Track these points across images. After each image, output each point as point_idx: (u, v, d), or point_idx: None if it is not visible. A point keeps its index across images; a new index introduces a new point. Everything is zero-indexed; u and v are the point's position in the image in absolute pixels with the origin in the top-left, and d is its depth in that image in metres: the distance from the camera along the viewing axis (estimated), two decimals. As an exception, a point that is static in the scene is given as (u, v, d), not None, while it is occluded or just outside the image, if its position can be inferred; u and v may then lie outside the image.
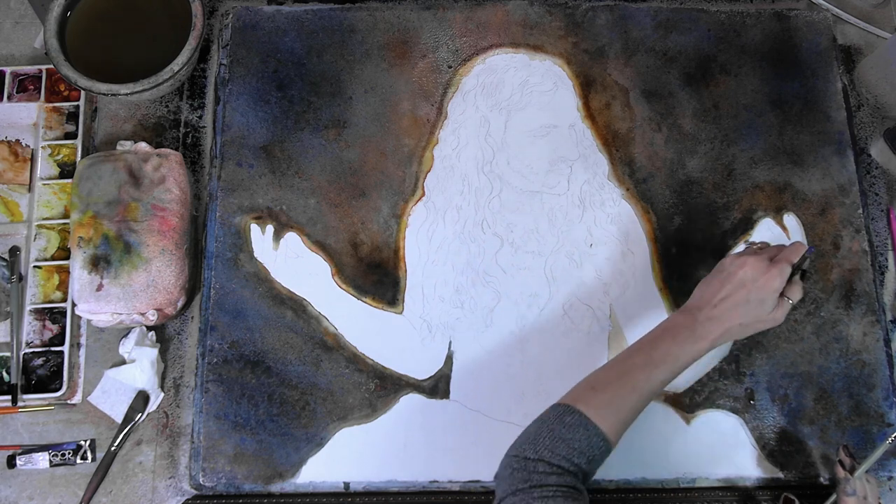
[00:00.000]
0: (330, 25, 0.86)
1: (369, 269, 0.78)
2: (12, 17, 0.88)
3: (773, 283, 0.64)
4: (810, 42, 0.87)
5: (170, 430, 0.75)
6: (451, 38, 0.86)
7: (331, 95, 0.84)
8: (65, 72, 0.77)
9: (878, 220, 0.83)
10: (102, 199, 0.74)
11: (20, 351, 0.75)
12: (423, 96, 0.84)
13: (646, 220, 0.80)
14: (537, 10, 0.87)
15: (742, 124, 0.84)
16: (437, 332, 0.77)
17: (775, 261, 0.66)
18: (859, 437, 0.75)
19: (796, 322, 0.78)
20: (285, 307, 0.77)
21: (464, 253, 0.79)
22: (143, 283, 0.73)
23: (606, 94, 0.84)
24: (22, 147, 0.82)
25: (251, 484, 0.72)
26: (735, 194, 0.82)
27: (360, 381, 0.75)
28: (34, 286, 0.77)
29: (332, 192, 0.81)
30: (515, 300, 0.78)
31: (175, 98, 0.85)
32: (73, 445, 0.74)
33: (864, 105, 0.87)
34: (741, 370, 0.76)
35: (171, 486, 0.74)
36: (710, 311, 0.65)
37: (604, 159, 0.82)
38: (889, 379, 0.77)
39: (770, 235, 0.80)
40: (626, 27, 0.87)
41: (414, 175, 0.81)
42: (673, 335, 0.64)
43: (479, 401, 0.75)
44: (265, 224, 0.79)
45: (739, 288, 0.65)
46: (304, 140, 0.82)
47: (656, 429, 0.75)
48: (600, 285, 0.78)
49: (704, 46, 0.86)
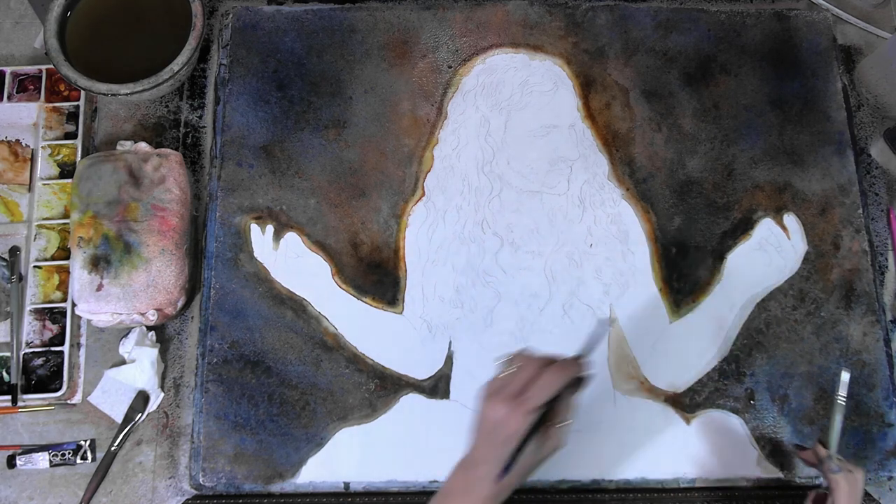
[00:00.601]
0: (330, 25, 0.86)
1: (369, 269, 0.78)
2: (12, 17, 0.89)
3: (513, 429, 0.54)
4: (810, 42, 0.87)
5: (170, 430, 0.75)
6: (451, 38, 0.86)
7: (331, 95, 0.84)
8: (65, 72, 0.77)
9: (878, 220, 0.83)
10: (102, 199, 0.74)
11: (20, 351, 0.75)
12: (423, 96, 0.84)
13: (646, 220, 0.80)
14: (537, 10, 0.87)
15: (742, 124, 0.84)
16: (437, 332, 0.77)
17: (518, 402, 0.55)
18: (859, 437, 0.75)
19: (796, 322, 0.78)
20: (285, 307, 0.77)
21: (464, 253, 0.79)
22: (143, 283, 0.73)
23: (606, 94, 0.84)
24: (22, 147, 0.82)
25: (251, 484, 0.72)
26: (735, 194, 0.82)
27: (360, 381, 0.75)
28: (34, 286, 0.77)
29: (332, 192, 0.81)
30: (515, 300, 0.78)
31: (175, 98, 0.85)
32: (73, 445, 0.74)
33: (864, 105, 0.87)
34: (741, 370, 0.76)
35: (171, 486, 0.74)
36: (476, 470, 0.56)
37: (604, 159, 0.82)
38: (889, 379, 0.77)
39: (770, 235, 0.80)
40: (626, 27, 0.87)
41: (414, 175, 0.81)
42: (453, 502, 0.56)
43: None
44: (265, 224, 0.79)
45: (490, 435, 0.55)
46: (304, 140, 0.82)
47: (656, 429, 0.75)
48: (600, 285, 0.78)
49: (704, 46, 0.86)
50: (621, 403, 0.75)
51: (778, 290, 0.79)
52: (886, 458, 0.74)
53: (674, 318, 0.78)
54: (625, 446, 0.74)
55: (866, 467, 0.74)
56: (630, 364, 0.76)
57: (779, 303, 0.78)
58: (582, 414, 0.75)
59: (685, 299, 0.78)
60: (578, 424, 0.74)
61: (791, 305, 0.78)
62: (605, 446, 0.74)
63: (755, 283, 0.79)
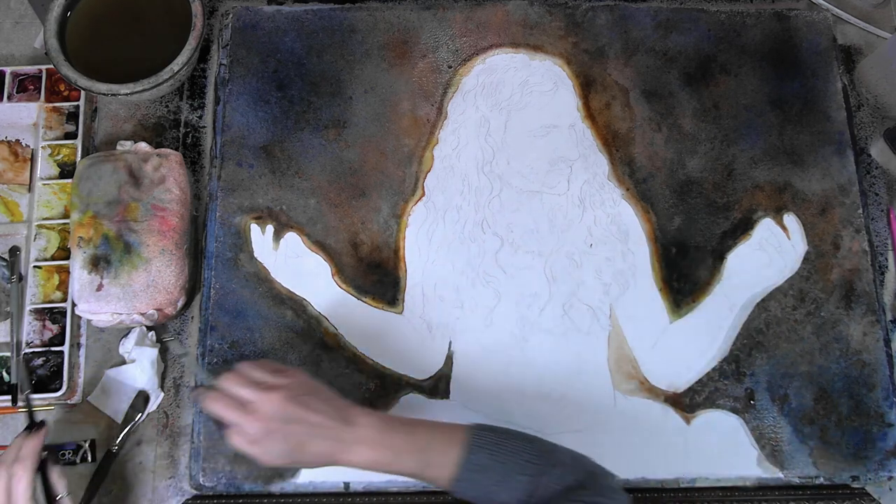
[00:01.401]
0: (330, 25, 0.86)
1: (369, 269, 0.78)
2: (12, 17, 0.89)
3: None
4: (810, 42, 0.87)
5: (170, 430, 0.75)
6: (451, 38, 0.86)
7: (331, 95, 0.84)
8: (65, 72, 0.77)
9: (878, 220, 0.83)
10: (102, 199, 0.74)
11: (20, 351, 0.75)
12: (423, 96, 0.84)
13: (646, 220, 0.80)
14: (537, 10, 0.87)
15: (742, 124, 0.84)
16: (437, 332, 0.77)
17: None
18: (859, 437, 0.75)
19: (796, 322, 0.78)
20: (285, 307, 0.77)
21: (464, 253, 0.79)
22: (143, 283, 0.73)
23: (606, 94, 0.84)
24: (22, 147, 0.82)
25: (251, 484, 0.72)
26: (735, 194, 0.82)
27: (360, 381, 0.75)
28: (34, 286, 0.77)
29: (332, 192, 0.81)
30: (515, 300, 0.78)
31: (175, 98, 0.85)
32: (73, 445, 0.74)
33: (864, 105, 0.87)
34: (741, 370, 0.76)
35: (171, 486, 0.74)
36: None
37: (604, 159, 0.82)
38: (889, 379, 0.77)
39: (770, 235, 0.80)
40: (626, 27, 0.87)
41: (414, 175, 0.81)
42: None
43: (479, 401, 0.75)
44: (265, 224, 0.79)
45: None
46: (304, 140, 0.82)
47: (656, 429, 0.75)
48: (600, 285, 0.78)
49: (704, 46, 0.86)
50: (621, 403, 0.75)
51: (778, 290, 0.79)
52: (886, 458, 0.74)
53: (674, 318, 0.78)
54: (625, 446, 0.74)
55: (866, 467, 0.74)
56: (630, 364, 0.76)
57: (779, 303, 0.78)
58: (582, 414, 0.75)
59: (685, 299, 0.78)
60: (578, 424, 0.75)
61: (791, 305, 0.78)
62: (605, 446, 0.74)
63: (755, 283, 0.79)
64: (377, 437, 0.58)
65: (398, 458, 0.58)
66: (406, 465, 0.58)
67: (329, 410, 0.59)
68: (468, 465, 0.57)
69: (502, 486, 0.57)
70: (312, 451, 0.58)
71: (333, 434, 0.58)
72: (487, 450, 0.58)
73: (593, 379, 0.76)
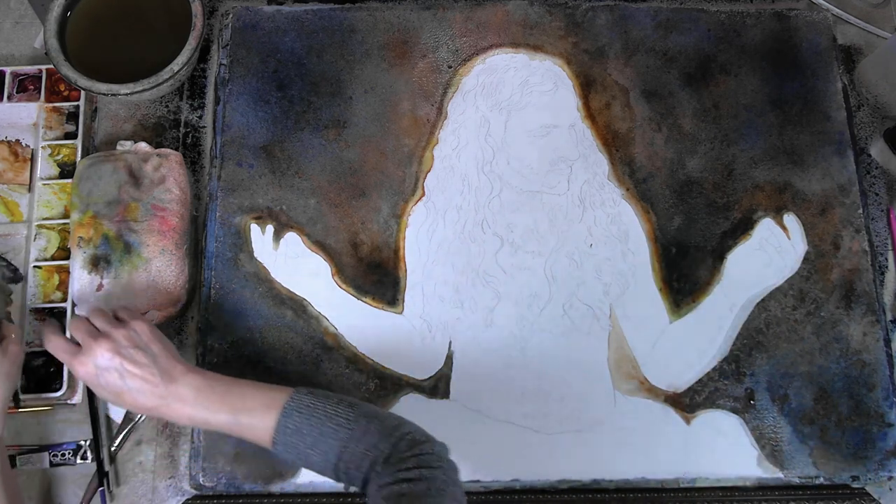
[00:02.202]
0: (330, 25, 0.86)
1: (369, 269, 0.78)
2: (12, 17, 0.89)
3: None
4: (810, 42, 0.87)
5: (170, 430, 0.75)
6: (451, 38, 0.86)
7: (331, 95, 0.84)
8: (65, 72, 0.77)
9: (878, 220, 0.83)
10: (102, 199, 0.74)
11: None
12: (423, 96, 0.84)
13: (646, 220, 0.80)
14: (537, 10, 0.87)
15: (742, 124, 0.84)
16: (437, 332, 0.77)
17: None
18: (859, 437, 0.75)
19: (796, 322, 0.78)
20: (285, 307, 0.77)
21: (464, 253, 0.79)
22: (143, 283, 0.73)
23: (606, 94, 0.84)
24: (22, 147, 0.82)
25: (251, 484, 0.72)
26: (735, 194, 0.82)
27: (360, 381, 0.75)
28: (34, 286, 0.77)
29: (332, 192, 0.81)
30: (515, 300, 0.78)
31: (175, 98, 0.85)
32: (73, 445, 0.74)
33: (864, 105, 0.87)
34: (741, 370, 0.77)
35: (171, 486, 0.74)
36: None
37: (604, 159, 0.82)
38: (889, 379, 0.77)
39: (770, 235, 0.80)
40: (626, 27, 0.87)
41: (414, 175, 0.81)
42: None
43: (479, 401, 0.75)
44: (265, 224, 0.79)
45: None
46: (304, 140, 0.82)
47: (656, 429, 0.75)
48: (600, 285, 0.78)
49: (704, 46, 0.86)
50: (621, 403, 0.75)
51: (778, 290, 0.79)
52: (886, 458, 0.74)
53: (674, 318, 0.78)
54: (625, 446, 0.74)
55: (866, 467, 0.74)
56: (630, 364, 0.76)
57: (779, 303, 0.78)
58: (582, 414, 0.75)
59: (685, 299, 0.78)
60: (578, 424, 0.75)
61: (791, 305, 0.78)
62: (605, 446, 0.74)
63: (755, 283, 0.79)
64: (193, 395, 0.61)
65: (214, 416, 0.61)
66: (222, 424, 0.61)
67: (151, 366, 0.62)
68: (282, 428, 0.60)
69: (314, 450, 0.59)
70: (132, 402, 0.62)
71: (152, 389, 0.61)
72: (301, 413, 0.60)
73: (593, 379, 0.76)
